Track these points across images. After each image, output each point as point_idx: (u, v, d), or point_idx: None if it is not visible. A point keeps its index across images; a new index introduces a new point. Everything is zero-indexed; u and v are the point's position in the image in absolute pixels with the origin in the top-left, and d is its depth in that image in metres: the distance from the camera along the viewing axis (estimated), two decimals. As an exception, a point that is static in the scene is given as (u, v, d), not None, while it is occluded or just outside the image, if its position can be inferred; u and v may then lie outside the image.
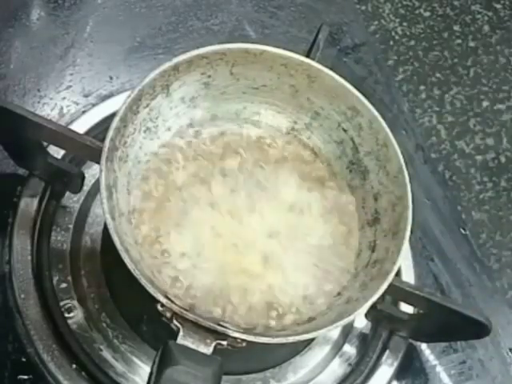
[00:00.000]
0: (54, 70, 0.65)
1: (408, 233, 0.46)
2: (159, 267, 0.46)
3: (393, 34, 0.78)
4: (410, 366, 0.57)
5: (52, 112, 0.62)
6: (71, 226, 0.56)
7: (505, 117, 0.74)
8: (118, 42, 0.68)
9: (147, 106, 0.49)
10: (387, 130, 0.50)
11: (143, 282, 0.40)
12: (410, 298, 0.49)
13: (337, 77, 0.52)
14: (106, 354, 0.52)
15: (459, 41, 0.79)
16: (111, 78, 0.65)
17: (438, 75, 0.76)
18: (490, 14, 0.82)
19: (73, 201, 0.57)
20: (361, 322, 0.57)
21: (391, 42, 0.77)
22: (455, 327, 0.50)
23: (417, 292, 0.49)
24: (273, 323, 0.46)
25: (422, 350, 0.58)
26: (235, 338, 0.40)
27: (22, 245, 0.52)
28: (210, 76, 0.51)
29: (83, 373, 0.49)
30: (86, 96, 0.64)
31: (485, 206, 0.68)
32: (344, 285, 0.48)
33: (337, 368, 0.55)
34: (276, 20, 0.74)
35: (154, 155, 0.50)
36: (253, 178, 0.51)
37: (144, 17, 0.71)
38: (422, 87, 0.74)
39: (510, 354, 0.60)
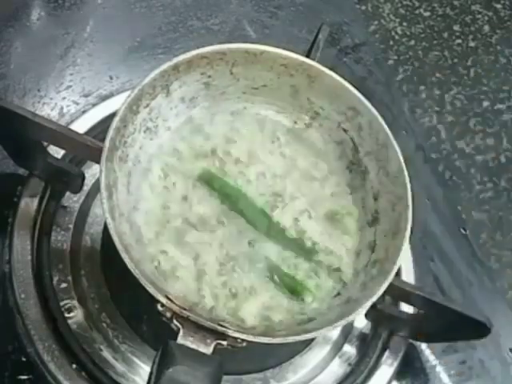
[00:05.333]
0: (54, 69, 0.65)
1: (408, 233, 0.46)
2: None
3: (393, 33, 0.78)
4: (410, 366, 0.57)
5: (52, 112, 0.62)
6: (71, 226, 0.56)
7: (505, 117, 0.74)
8: (118, 41, 0.68)
9: (147, 105, 0.49)
10: (387, 130, 0.50)
11: (143, 281, 0.40)
12: (410, 298, 0.49)
13: (337, 77, 0.52)
14: (106, 354, 0.52)
15: (459, 41, 0.79)
16: (111, 77, 0.65)
17: (438, 75, 0.76)
18: (490, 13, 0.82)
19: (73, 201, 0.57)
20: (361, 321, 0.57)
21: (391, 42, 0.77)
22: (455, 327, 0.50)
23: (417, 292, 0.49)
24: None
25: (422, 350, 0.58)
26: (235, 338, 0.40)
27: (22, 245, 0.52)
28: (210, 76, 0.51)
29: (83, 373, 0.49)
30: (86, 96, 0.64)
31: (485, 206, 0.68)
32: (344, 285, 0.49)
33: (337, 368, 0.55)
34: (276, 20, 0.74)
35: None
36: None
37: (144, 17, 0.71)
38: (421, 87, 0.74)
39: (510, 354, 0.60)
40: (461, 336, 0.53)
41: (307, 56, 0.54)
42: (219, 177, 0.50)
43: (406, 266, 0.58)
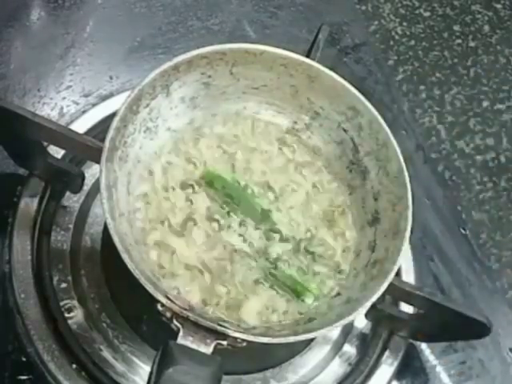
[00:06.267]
0: (54, 69, 0.65)
1: (408, 233, 0.46)
2: None
3: (393, 33, 0.78)
4: (410, 366, 0.57)
5: (52, 112, 0.62)
6: (71, 226, 0.56)
7: (505, 117, 0.74)
8: (118, 41, 0.68)
9: (147, 105, 0.49)
10: (387, 130, 0.50)
11: (143, 281, 0.40)
12: (410, 298, 0.49)
13: (337, 77, 0.52)
14: (106, 354, 0.52)
15: (459, 41, 0.79)
16: (111, 77, 0.65)
17: (438, 75, 0.76)
18: (490, 13, 0.82)
19: (73, 201, 0.57)
20: (361, 321, 0.57)
21: (391, 42, 0.77)
22: (455, 327, 0.50)
23: (417, 292, 0.49)
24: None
25: (422, 350, 0.58)
26: (235, 338, 0.40)
27: (21, 245, 0.52)
28: (210, 76, 0.51)
29: (83, 373, 0.49)
30: (86, 96, 0.64)
31: (485, 206, 0.68)
32: (344, 285, 0.49)
33: (337, 368, 0.55)
34: (276, 20, 0.74)
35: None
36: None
37: (144, 17, 0.71)
38: (421, 87, 0.74)
39: (510, 353, 0.60)
40: (461, 336, 0.53)
41: (307, 56, 0.54)
42: (221, 176, 0.50)
43: (406, 265, 0.58)
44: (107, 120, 0.57)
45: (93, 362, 0.51)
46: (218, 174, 0.51)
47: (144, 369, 0.52)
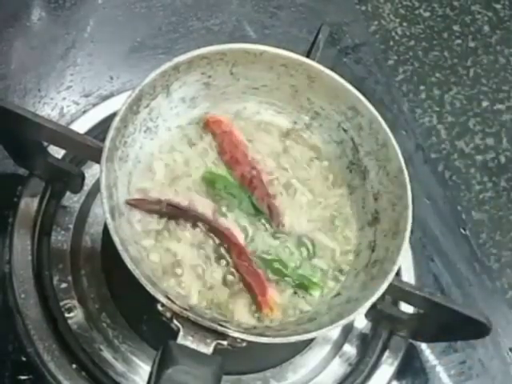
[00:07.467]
0: (54, 70, 0.65)
1: (408, 233, 0.46)
2: None
3: (393, 33, 0.78)
4: (410, 365, 0.57)
5: (52, 112, 0.62)
6: (71, 226, 0.56)
7: (505, 117, 0.74)
8: (119, 41, 0.68)
9: (147, 106, 0.49)
10: (387, 130, 0.50)
11: (143, 281, 0.40)
12: (410, 298, 0.49)
13: (337, 77, 0.52)
14: (106, 354, 0.52)
15: (459, 41, 0.79)
16: (111, 77, 0.65)
17: (437, 75, 0.76)
18: (489, 14, 0.82)
19: (73, 201, 0.57)
20: (361, 321, 0.57)
21: (391, 42, 0.77)
22: (455, 327, 0.50)
23: (417, 292, 0.49)
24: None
25: (422, 350, 0.58)
26: (235, 338, 0.40)
27: (22, 245, 0.52)
28: (210, 76, 0.51)
29: (83, 373, 0.49)
30: (86, 96, 0.64)
31: (485, 206, 0.68)
32: (344, 285, 0.49)
33: (337, 368, 0.55)
34: (276, 20, 0.74)
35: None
36: None
37: (144, 17, 0.71)
38: (421, 87, 0.74)
39: (510, 353, 0.60)
40: (461, 336, 0.53)
41: (307, 56, 0.54)
42: (222, 176, 0.50)
43: (406, 265, 0.58)
44: (107, 120, 0.57)
45: (93, 361, 0.51)
46: (220, 173, 0.51)
47: (144, 369, 0.52)
